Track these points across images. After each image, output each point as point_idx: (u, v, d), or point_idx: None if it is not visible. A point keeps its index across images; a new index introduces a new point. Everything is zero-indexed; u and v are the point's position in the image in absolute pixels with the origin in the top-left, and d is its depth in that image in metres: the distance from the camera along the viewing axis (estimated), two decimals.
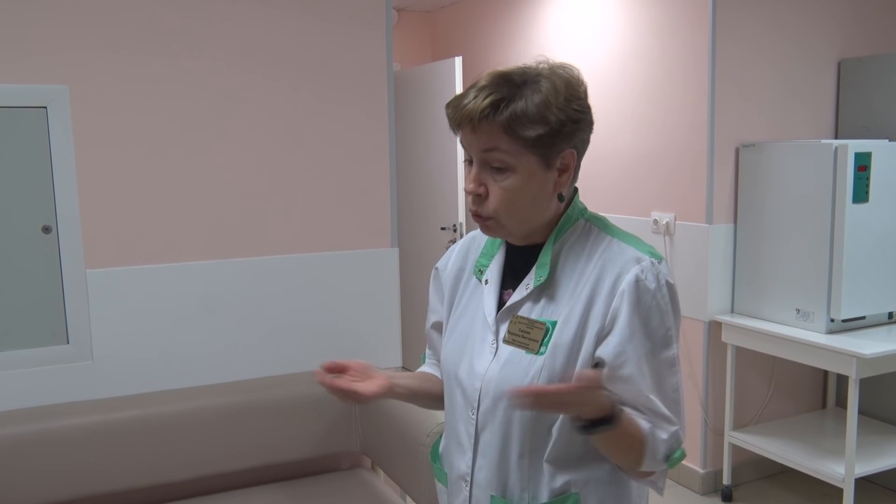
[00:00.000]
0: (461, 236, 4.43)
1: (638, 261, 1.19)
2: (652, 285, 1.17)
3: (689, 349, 3.53)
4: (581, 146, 1.22)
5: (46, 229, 2.34)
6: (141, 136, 2.43)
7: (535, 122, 1.15)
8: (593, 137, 1.26)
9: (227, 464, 2.44)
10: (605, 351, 1.18)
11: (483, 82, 1.18)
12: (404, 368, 2.89)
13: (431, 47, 5.58)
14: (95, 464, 2.27)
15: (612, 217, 4.22)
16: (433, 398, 1.46)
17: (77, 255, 2.37)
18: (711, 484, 3.54)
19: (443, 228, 4.73)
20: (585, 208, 1.30)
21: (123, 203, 2.43)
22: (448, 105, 1.20)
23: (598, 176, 3.88)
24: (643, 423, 1.17)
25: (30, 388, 2.35)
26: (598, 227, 1.27)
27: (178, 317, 2.52)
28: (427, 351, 1.55)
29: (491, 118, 1.15)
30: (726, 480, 3.46)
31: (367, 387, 1.27)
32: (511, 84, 1.17)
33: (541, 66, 1.20)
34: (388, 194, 2.80)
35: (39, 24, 2.28)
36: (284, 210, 2.64)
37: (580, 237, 1.26)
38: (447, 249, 1.49)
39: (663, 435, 1.18)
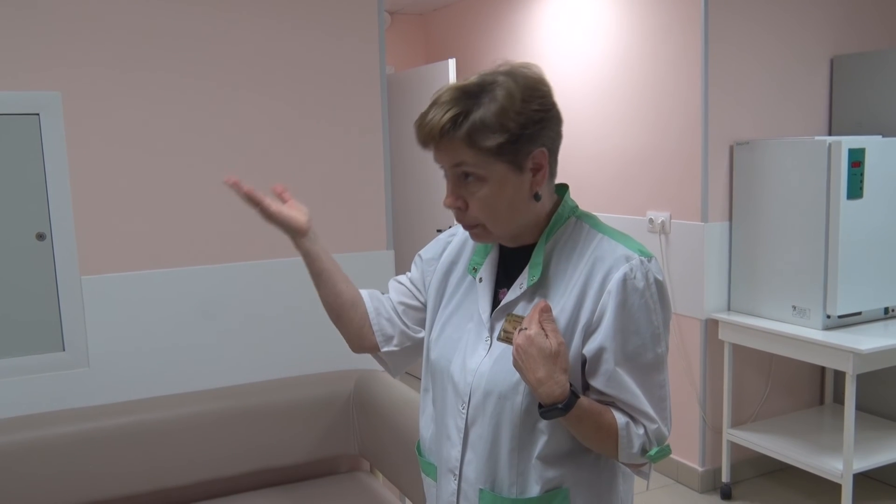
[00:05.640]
0: None
1: (627, 259, 1.20)
2: (640, 284, 1.18)
3: (686, 347, 3.53)
4: (550, 143, 1.22)
5: (40, 236, 2.33)
6: (134, 141, 2.43)
7: (495, 130, 1.15)
8: (588, 137, 1.26)
9: (224, 468, 2.44)
10: (590, 347, 1.20)
11: (443, 98, 1.19)
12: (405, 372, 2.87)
13: (425, 50, 5.58)
14: (93, 470, 2.27)
15: (608, 217, 4.19)
16: (338, 299, 1.45)
17: (72, 261, 2.36)
18: (710, 482, 3.55)
19: (439, 230, 4.73)
20: (576, 206, 1.31)
21: (118, 209, 2.42)
22: (415, 123, 1.21)
23: (593, 176, 3.88)
24: (619, 417, 1.20)
25: (26, 395, 2.34)
26: (588, 224, 1.28)
27: (175, 322, 2.52)
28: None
29: (451, 134, 1.16)
30: (725, 478, 3.46)
31: (280, 207, 1.37)
32: (468, 96, 1.17)
33: (500, 70, 1.20)
34: (383, 197, 2.80)
35: (32, 31, 2.28)
36: None
37: (572, 235, 1.27)
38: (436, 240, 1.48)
39: (639, 430, 1.20)
